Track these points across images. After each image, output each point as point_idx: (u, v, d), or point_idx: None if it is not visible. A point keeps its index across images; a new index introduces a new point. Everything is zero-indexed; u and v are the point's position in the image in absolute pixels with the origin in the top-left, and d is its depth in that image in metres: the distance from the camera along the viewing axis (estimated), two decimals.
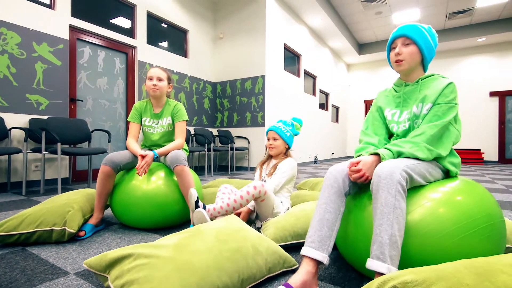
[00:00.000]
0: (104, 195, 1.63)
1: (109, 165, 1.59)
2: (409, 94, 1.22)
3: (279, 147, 1.78)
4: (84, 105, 3.80)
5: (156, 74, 1.85)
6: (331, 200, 1.03)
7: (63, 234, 1.41)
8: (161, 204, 1.61)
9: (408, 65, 1.18)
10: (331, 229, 1.01)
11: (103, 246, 1.41)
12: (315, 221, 1.03)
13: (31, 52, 3.20)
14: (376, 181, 0.94)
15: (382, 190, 0.91)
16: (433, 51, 1.20)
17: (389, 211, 0.88)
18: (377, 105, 1.33)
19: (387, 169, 0.93)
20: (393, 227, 0.86)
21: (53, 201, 1.56)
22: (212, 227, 1.03)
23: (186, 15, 5.31)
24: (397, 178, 0.90)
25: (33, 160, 3.23)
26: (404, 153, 1.06)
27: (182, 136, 1.89)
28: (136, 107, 1.91)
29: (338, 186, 1.05)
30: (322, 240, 0.99)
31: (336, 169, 1.09)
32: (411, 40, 1.16)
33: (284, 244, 1.34)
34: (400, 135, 1.21)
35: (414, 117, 1.17)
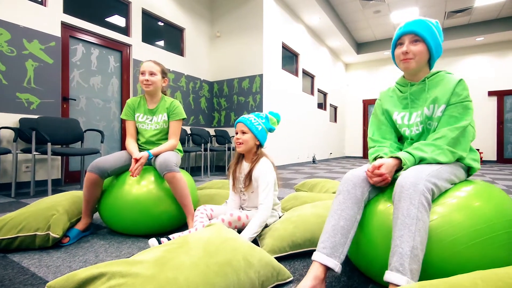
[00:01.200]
0: (92, 201, 1.54)
1: (95, 172, 1.49)
2: (416, 95, 1.15)
3: (247, 142, 1.46)
4: (77, 104, 3.71)
5: (148, 68, 1.75)
6: (347, 207, 0.98)
7: (47, 239, 1.33)
8: (153, 209, 1.52)
9: (417, 64, 1.11)
10: (345, 237, 0.95)
11: (90, 253, 1.33)
12: (329, 227, 0.97)
13: (21, 50, 3.11)
14: (398, 191, 0.88)
15: (405, 201, 0.85)
16: (441, 49, 1.13)
17: (411, 222, 0.82)
18: (383, 108, 1.25)
19: (410, 180, 0.87)
20: (415, 239, 0.80)
21: (38, 204, 1.48)
22: (199, 238, 0.95)
23: (183, 13, 5.22)
24: (421, 189, 0.85)
25: (24, 160, 3.14)
26: (426, 158, 1.00)
27: (176, 136, 1.80)
28: (128, 103, 1.81)
29: (355, 193, 0.99)
30: (335, 247, 0.93)
31: (354, 174, 1.03)
32: (420, 37, 1.08)
33: (282, 255, 1.27)
34: (415, 139, 1.15)
35: (426, 119, 1.10)
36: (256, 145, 1.51)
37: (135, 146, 1.73)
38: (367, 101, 10.02)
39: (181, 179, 1.54)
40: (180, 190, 1.54)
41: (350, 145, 10.35)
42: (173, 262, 0.81)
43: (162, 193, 1.56)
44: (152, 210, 1.52)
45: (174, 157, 1.61)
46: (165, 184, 1.60)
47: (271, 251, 1.27)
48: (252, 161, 1.50)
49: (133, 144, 1.73)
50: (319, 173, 4.93)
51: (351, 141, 10.32)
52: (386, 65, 9.62)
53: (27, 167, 3.15)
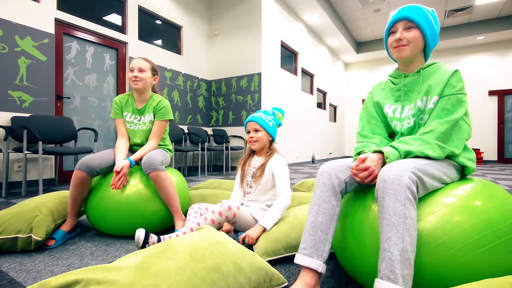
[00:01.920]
0: (79, 201, 1.47)
1: (84, 170, 1.42)
2: (410, 86, 1.07)
3: (262, 139, 1.51)
4: (71, 103, 3.64)
5: (137, 65, 1.68)
6: (324, 200, 0.92)
7: (29, 242, 1.27)
8: (142, 210, 1.45)
9: (411, 51, 1.03)
10: (326, 232, 0.90)
11: (75, 256, 1.27)
12: (307, 225, 0.93)
13: (13, 47, 3.04)
14: (381, 187, 0.80)
15: (389, 197, 0.77)
16: (436, 37, 1.06)
17: (398, 222, 0.74)
18: (374, 100, 1.17)
19: (393, 172, 0.79)
20: (404, 241, 0.73)
21: (21, 205, 1.41)
22: (185, 242, 0.88)
23: (180, 10, 5.16)
24: (406, 182, 0.77)
25: (16, 160, 3.07)
26: (412, 151, 0.92)
27: (157, 137, 1.70)
28: (116, 101, 1.73)
29: (331, 184, 0.93)
30: (316, 245, 0.88)
31: (328, 165, 0.97)
32: (414, 23, 1.02)
33: (277, 257, 1.20)
34: (405, 133, 1.07)
35: (418, 112, 1.03)
36: (269, 141, 1.57)
37: (123, 149, 1.62)
38: None
39: (165, 178, 1.47)
40: (165, 190, 1.47)
41: (350, 145, 10.28)
42: (155, 268, 0.74)
43: (151, 193, 1.50)
44: (141, 210, 1.46)
45: (160, 155, 1.53)
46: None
47: (264, 254, 1.20)
48: (266, 155, 1.54)
49: (122, 148, 1.62)
50: None
51: (351, 141, 10.25)
52: (386, 65, 9.55)
53: (19, 167, 3.08)
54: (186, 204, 1.75)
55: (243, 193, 1.60)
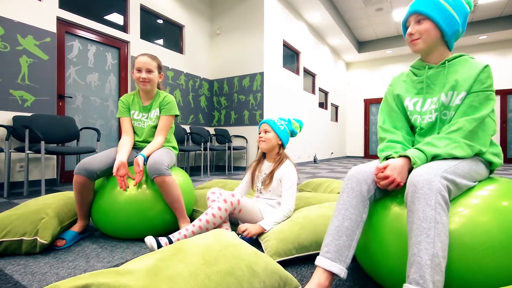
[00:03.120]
0: (85, 204, 1.44)
1: (83, 174, 1.36)
2: (433, 79, 1.03)
3: (270, 140, 1.52)
4: (73, 102, 3.61)
5: (145, 65, 1.62)
6: (352, 206, 0.89)
7: (34, 245, 1.24)
8: (147, 211, 1.42)
9: (425, 43, 1.01)
10: (351, 238, 0.87)
11: (80, 258, 1.24)
12: (332, 228, 0.89)
13: (15, 45, 3.01)
14: (411, 191, 0.78)
15: (419, 202, 0.74)
16: (456, 23, 0.98)
17: (429, 226, 0.71)
18: (394, 93, 1.13)
19: (424, 177, 0.77)
20: (435, 246, 0.70)
21: (26, 206, 1.38)
22: (197, 244, 0.86)
23: (182, 9, 5.13)
24: (437, 187, 0.74)
25: (18, 160, 3.04)
26: (440, 154, 0.89)
27: (163, 132, 1.67)
28: (122, 100, 1.71)
29: (360, 189, 0.90)
30: (340, 250, 0.86)
31: (358, 170, 0.94)
32: (424, 15, 0.99)
33: (288, 258, 1.18)
34: (425, 128, 1.03)
35: (442, 107, 0.99)
36: (278, 145, 1.55)
37: (126, 146, 1.58)
38: (368, 100, 9.92)
39: (171, 183, 1.42)
40: (170, 195, 1.43)
41: (351, 145, 10.25)
42: (168, 272, 0.72)
43: (156, 195, 1.46)
44: (146, 212, 1.43)
45: (166, 158, 1.49)
46: None
47: (275, 254, 1.18)
48: (275, 161, 1.54)
49: (125, 145, 1.58)
50: (321, 173, 4.84)
51: (352, 141, 10.22)
52: (388, 64, 9.52)
53: (21, 167, 3.05)
54: (192, 204, 1.72)
55: (247, 190, 1.67)
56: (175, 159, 1.71)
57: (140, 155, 1.49)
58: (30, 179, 3.10)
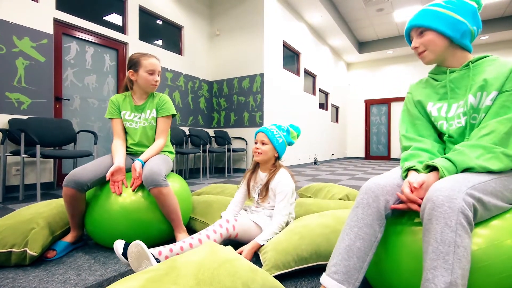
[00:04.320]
0: (77, 215, 1.38)
1: (72, 187, 1.29)
2: (457, 82, 0.96)
3: (266, 153, 1.45)
4: (70, 105, 3.57)
5: (158, 68, 1.64)
6: (366, 224, 0.81)
7: (23, 257, 1.19)
8: (142, 221, 1.37)
9: (433, 54, 0.97)
10: (362, 260, 0.80)
11: (72, 270, 1.19)
12: (342, 247, 0.82)
13: (11, 47, 2.97)
14: (428, 208, 0.70)
15: (437, 221, 0.67)
16: (461, 24, 0.92)
17: (447, 251, 0.64)
18: (415, 100, 1.06)
19: (444, 193, 0.68)
20: (454, 273, 0.63)
21: (17, 215, 1.33)
22: (190, 261, 0.81)
23: (181, 10, 5.08)
24: (459, 205, 0.66)
25: (14, 163, 3.00)
26: (473, 167, 0.79)
27: (164, 135, 1.65)
28: (112, 100, 1.65)
29: (377, 206, 0.82)
30: (349, 272, 0.78)
31: (377, 183, 0.85)
32: (424, 27, 0.96)
33: (287, 271, 1.13)
34: (455, 135, 0.94)
35: (471, 110, 0.90)
36: (274, 157, 1.50)
37: (121, 149, 1.55)
38: (369, 101, 9.87)
39: (168, 194, 1.36)
40: (167, 206, 1.38)
41: (352, 146, 10.20)
42: None
43: (152, 204, 1.41)
44: (142, 221, 1.38)
45: (163, 167, 1.44)
46: None
47: (274, 267, 1.13)
48: (270, 172, 1.48)
49: (119, 148, 1.55)
50: (322, 175, 4.79)
51: (353, 142, 10.17)
52: (389, 65, 9.47)
53: (17, 170, 3.01)
54: (189, 212, 1.67)
55: (244, 200, 1.60)
56: (171, 166, 1.67)
57: (138, 161, 1.45)
58: (26, 182, 3.06)
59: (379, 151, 9.66)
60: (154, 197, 1.37)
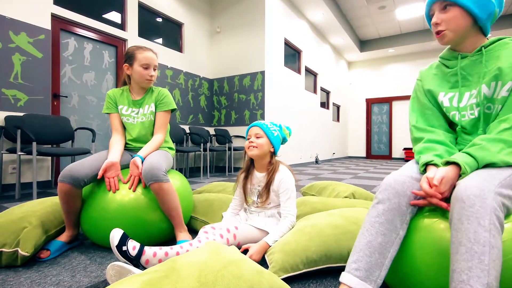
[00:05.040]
0: (73, 213, 1.32)
1: (68, 182, 1.24)
2: (469, 69, 0.90)
3: (262, 147, 1.34)
4: (69, 102, 3.50)
5: (154, 62, 1.56)
6: (387, 220, 0.77)
7: (15, 257, 1.12)
8: (141, 220, 1.31)
9: (454, 34, 0.89)
10: (384, 257, 0.75)
11: (66, 272, 1.12)
12: (364, 243, 0.77)
13: (7, 43, 2.90)
14: (458, 208, 0.65)
15: (470, 222, 0.63)
16: (489, 3, 0.85)
17: (482, 251, 0.60)
18: (425, 89, 1.00)
19: (474, 192, 0.65)
20: (490, 275, 0.58)
21: (9, 213, 1.27)
22: (192, 262, 0.74)
23: (181, 7, 5.01)
24: (491, 205, 0.63)
25: (10, 161, 2.93)
26: (495, 163, 0.75)
27: (163, 130, 1.59)
28: (109, 95, 1.59)
29: (398, 202, 0.78)
30: (371, 268, 0.74)
31: (397, 179, 0.81)
32: (449, 1, 0.86)
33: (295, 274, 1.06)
34: (467, 127, 0.90)
35: (485, 100, 0.85)
36: (270, 153, 1.40)
37: (118, 144, 1.50)
38: (370, 100, 9.80)
39: (169, 190, 1.30)
40: (168, 203, 1.31)
41: (353, 145, 10.13)
42: None
43: (151, 201, 1.35)
44: (141, 220, 1.31)
45: (163, 162, 1.38)
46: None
47: (281, 270, 1.06)
48: (268, 172, 1.37)
49: (117, 143, 1.50)
50: (324, 174, 4.72)
51: (354, 141, 10.10)
52: (390, 63, 9.40)
53: (13, 168, 2.94)
54: (190, 210, 1.61)
55: (243, 203, 1.51)
56: (172, 162, 1.60)
57: (138, 157, 1.39)
58: (23, 181, 2.99)
59: (380, 151, 9.59)
60: (154, 193, 1.31)
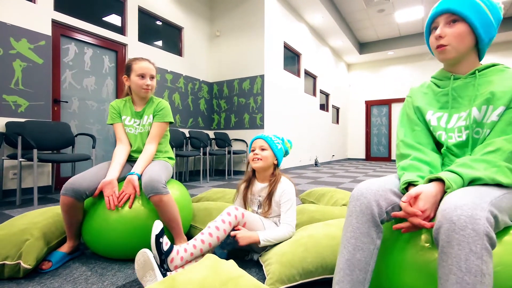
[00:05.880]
0: (74, 224, 1.34)
1: (70, 195, 1.26)
2: (460, 91, 0.90)
3: (267, 159, 1.38)
4: (69, 107, 3.52)
5: (150, 71, 1.58)
6: (362, 233, 0.77)
7: (17, 269, 1.14)
8: (142, 230, 1.33)
9: (456, 51, 0.86)
10: (365, 271, 0.76)
11: (68, 283, 1.14)
12: (343, 261, 0.78)
13: (8, 49, 2.92)
14: (446, 229, 0.62)
15: (461, 247, 0.59)
16: (492, 28, 0.85)
17: (474, 282, 0.57)
18: (414, 105, 0.99)
19: (466, 212, 0.61)
20: None
21: (10, 225, 1.29)
22: (190, 280, 0.76)
23: (181, 11, 5.04)
24: (484, 227, 0.59)
25: (11, 167, 2.95)
26: (480, 178, 0.73)
27: (156, 140, 1.59)
28: (113, 105, 1.62)
29: (371, 213, 0.77)
30: (354, 286, 0.75)
31: (368, 188, 0.80)
32: (459, 15, 0.84)
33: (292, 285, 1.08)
34: (454, 149, 0.88)
35: (474, 124, 0.85)
36: (274, 165, 1.44)
37: (120, 158, 1.50)
38: (369, 102, 9.83)
39: (168, 201, 1.32)
40: (167, 214, 1.33)
41: (353, 147, 10.16)
42: None
43: (151, 212, 1.37)
44: (141, 231, 1.33)
45: (163, 175, 1.40)
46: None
47: (278, 281, 1.08)
48: (270, 183, 1.40)
49: (119, 156, 1.50)
50: (323, 178, 4.74)
51: (354, 143, 10.13)
52: (389, 66, 9.44)
53: (14, 174, 2.96)
54: (190, 219, 1.63)
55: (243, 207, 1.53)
56: (171, 172, 1.63)
57: (135, 174, 1.40)
58: (24, 186, 3.01)
59: (379, 152, 9.62)
60: (154, 205, 1.33)
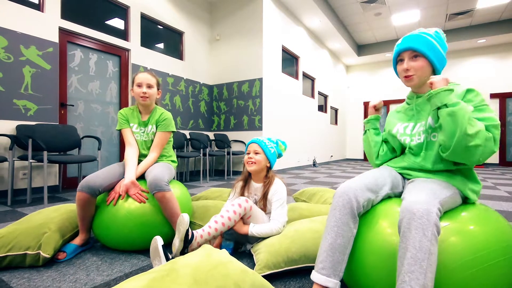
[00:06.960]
0: (87, 218, 1.51)
1: (86, 191, 1.43)
2: (422, 106, 1.14)
3: (260, 162, 1.52)
4: (75, 110, 3.69)
5: (146, 80, 1.72)
6: (343, 223, 0.96)
7: (37, 258, 1.31)
8: (147, 225, 1.49)
9: (419, 79, 1.11)
10: (343, 253, 0.95)
11: (81, 271, 1.31)
12: (326, 245, 0.96)
13: (18, 56, 3.09)
14: (407, 218, 0.81)
15: (417, 231, 0.78)
16: (444, 60, 1.11)
17: (423, 257, 0.75)
18: (387, 131, 1.28)
19: (423, 206, 0.80)
20: (426, 277, 0.74)
21: (29, 220, 1.45)
22: (188, 264, 0.92)
23: (182, 16, 5.20)
24: (434, 218, 0.79)
25: (21, 167, 3.12)
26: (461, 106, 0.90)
27: (158, 149, 1.75)
28: (121, 113, 1.79)
29: (351, 207, 0.97)
30: (334, 265, 0.94)
31: (349, 187, 1.00)
32: (419, 52, 1.07)
33: (277, 271, 1.24)
34: (414, 149, 1.13)
35: (429, 129, 1.08)
36: (267, 167, 1.57)
37: (134, 159, 1.66)
38: (368, 103, 9.94)
39: (170, 198, 1.49)
40: (169, 210, 1.50)
41: (351, 148, 10.30)
42: None
43: (156, 208, 1.53)
44: (146, 225, 1.49)
45: (166, 174, 1.57)
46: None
47: (265, 267, 1.24)
48: (264, 184, 1.55)
49: (132, 158, 1.66)
50: (319, 178, 4.90)
51: (352, 144, 10.27)
52: (387, 67, 9.57)
53: (24, 174, 3.13)
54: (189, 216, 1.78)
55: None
56: (174, 173, 1.79)
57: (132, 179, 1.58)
58: (33, 186, 3.18)
59: None
60: (158, 201, 1.50)
